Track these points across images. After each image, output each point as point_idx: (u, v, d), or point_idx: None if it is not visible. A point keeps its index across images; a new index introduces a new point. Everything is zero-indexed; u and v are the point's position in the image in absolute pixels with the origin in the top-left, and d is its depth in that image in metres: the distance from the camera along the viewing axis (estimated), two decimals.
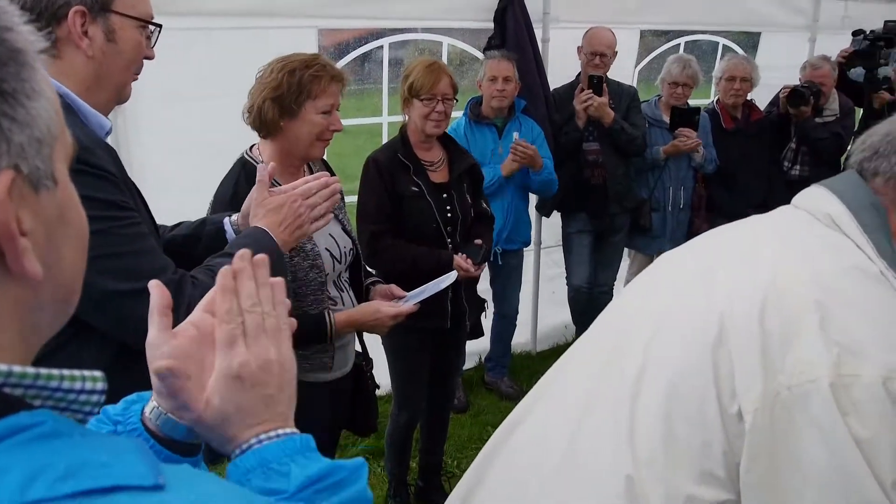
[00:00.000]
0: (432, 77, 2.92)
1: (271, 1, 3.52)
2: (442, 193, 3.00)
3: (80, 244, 0.63)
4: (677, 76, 4.48)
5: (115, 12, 1.44)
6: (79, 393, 0.57)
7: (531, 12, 4.25)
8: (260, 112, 2.19)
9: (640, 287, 1.47)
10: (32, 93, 0.54)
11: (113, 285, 1.37)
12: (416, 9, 4.00)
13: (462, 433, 3.97)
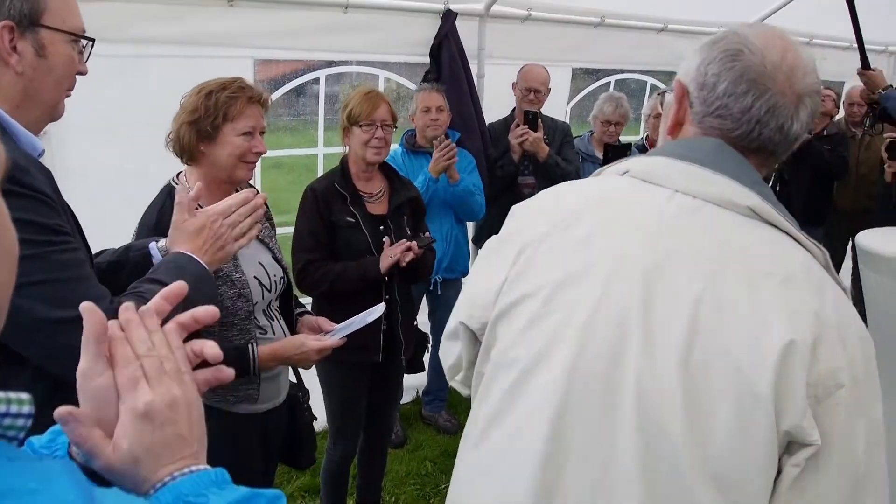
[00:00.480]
0: (371, 104, 2.95)
1: (205, 30, 3.48)
2: (378, 225, 2.99)
3: (10, 261, 0.60)
4: (610, 115, 4.60)
5: (45, 26, 1.39)
6: (3, 416, 0.54)
7: (467, 48, 4.32)
8: (178, 137, 2.16)
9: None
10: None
11: (46, 313, 1.30)
12: (353, 42, 4.01)
13: (400, 468, 3.91)
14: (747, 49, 1.22)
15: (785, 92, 1.21)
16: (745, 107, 1.22)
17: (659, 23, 5.21)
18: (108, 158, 3.22)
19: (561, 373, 1.16)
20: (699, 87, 1.27)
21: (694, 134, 1.28)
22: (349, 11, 3.88)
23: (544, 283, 1.22)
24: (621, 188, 1.28)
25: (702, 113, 1.27)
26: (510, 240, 1.33)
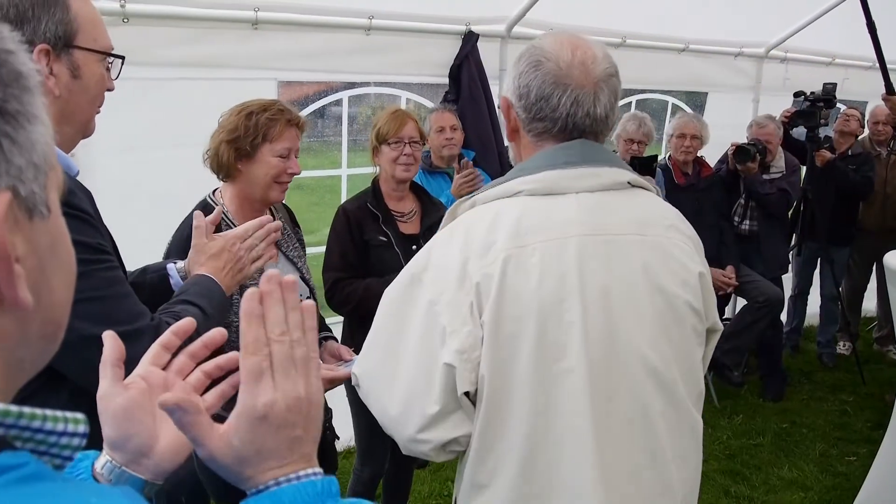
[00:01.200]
0: (398, 121, 3.00)
1: (230, 52, 3.53)
2: (411, 244, 2.99)
3: (68, 278, 0.60)
4: (633, 133, 4.60)
5: (78, 47, 1.40)
6: (60, 435, 0.54)
7: (488, 69, 4.34)
8: (216, 154, 2.23)
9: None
10: (33, 118, 0.53)
11: (90, 330, 1.30)
12: (376, 63, 4.04)
13: (422, 489, 3.89)
14: (544, 57, 1.45)
15: (583, 84, 1.44)
16: (553, 105, 1.44)
17: (680, 43, 5.21)
18: (133, 179, 3.26)
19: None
20: (518, 98, 1.49)
21: (530, 139, 1.51)
22: (372, 33, 3.92)
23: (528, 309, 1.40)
24: (532, 207, 1.44)
25: (527, 119, 1.49)
26: (459, 290, 1.42)
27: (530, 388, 1.39)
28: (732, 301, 5.66)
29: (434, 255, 1.48)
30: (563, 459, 1.41)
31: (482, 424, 1.41)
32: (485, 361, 1.39)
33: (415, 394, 1.43)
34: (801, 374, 5.66)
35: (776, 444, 4.58)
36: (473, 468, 1.45)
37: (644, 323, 1.44)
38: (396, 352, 1.47)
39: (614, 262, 1.43)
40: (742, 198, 5.05)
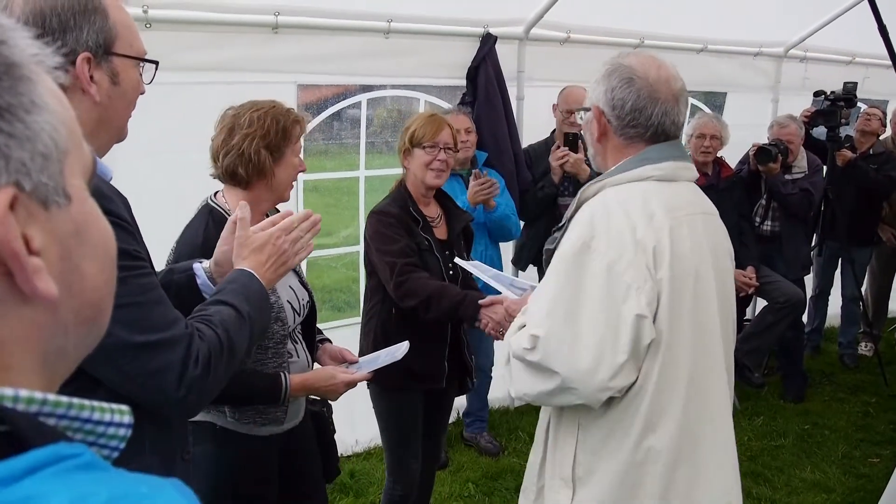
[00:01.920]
0: (435, 126, 2.93)
1: (250, 56, 3.55)
2: (444, 250, 2.96)
3: (105, 261, 0.60)
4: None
5: (117, 54, 1.41)
6: (107, 425, 0.55)
7: (506, 70, 4.35)
8: (257, 160, 2.17)
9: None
10: (32, 106, 0.52)
11: (127, 337, 1.31)
12: (394, 66, 4.06)
13: (443, 490, 3.89)
14: (635, 75, 1.81)
15: (668, 98, 1.81)
16: (647, 116, 1.81)
17: (698, 43, 5.19)
18: (156, 183, 3.28)
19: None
20: (612, 108, 1.83)
21: (621, 141, 1.86)
22: (390, 36, 3.93)
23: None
24: (664, 189, 1.81)
25: (619, 126, 1.84)
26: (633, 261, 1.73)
27: (691, 335, 1.76)
28: (753, 302, 5.62)
29: (597, 225, 1.74)
30: (711, 395, 1.82)
31: (661, 368, 1.73)
32: (663, 312, 1.72)
33: (603, 347, 1.69)
34: (822, 375, 5.62)
35: (798, 446, 4.55)
36: (649, 408, 1.74)
37: (730, 284, 1.91)
38: (577, 312, 1.72)
39: (715, 236, 1.89)
40: (763, 198, 5.02)
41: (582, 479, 1.84)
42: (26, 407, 0.49)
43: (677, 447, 1.77)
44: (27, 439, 0.46)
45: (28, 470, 0.44)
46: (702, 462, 1.81)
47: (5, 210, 0.49)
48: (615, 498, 1.80)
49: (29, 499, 0.42)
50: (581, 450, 1.84)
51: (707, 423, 1.82)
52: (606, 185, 1.83)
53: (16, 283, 0.51)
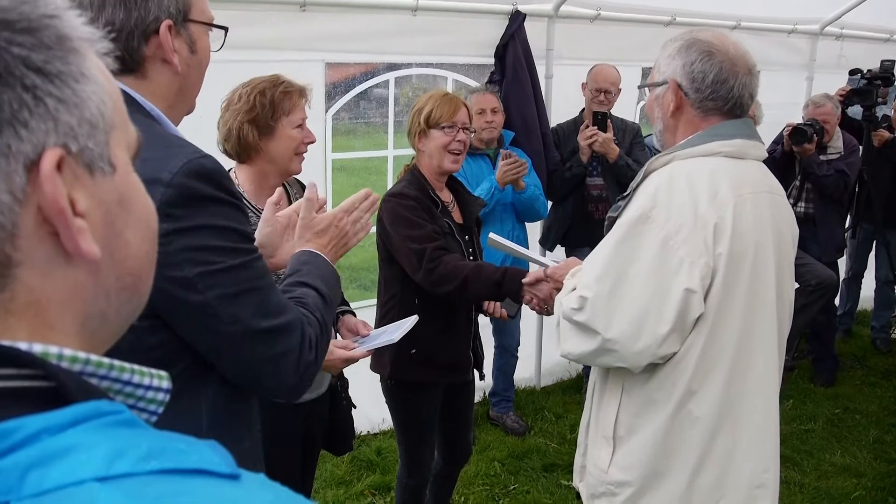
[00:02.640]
0: (452, 105, 2.78)
1: (278, 34, 3.55)
2: (465, 235, 2.88)
3: (146, 232, 0.62)
4: None
5: (193, 21, 1.35)
6: (146, 389, 0.57)
7: (535, 49, 4.30)
8: (239, 136, 2.24)
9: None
10: (81, 76, 0.54)
11: (251, 322, 1.28)
12: (422, 44, 4.04)
13: (469, 469, 3.90)
14: (714, 49, 1.84)
15: (745, 72, 1.85)
16: (729, 87, 1.84)
17: (732, 21, 5.09)
18: None
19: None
20: (690, 81, 1.86)
21: (696, 114, 1.89)
22: (418, 14, 3.91)
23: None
24: (732, 166, 1.85)
25: (697, 98, 1.87)
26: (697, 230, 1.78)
27: (742, 311, 1.80)
28: None
29: (660, 197, 1.79)
30: (757, 371, 1.85)
31: (706, 341, 1.79)
32: (716, 288, 1.77)
33: (648, 315, 1.76)
34: (853, 358, 5.54)
35: (828, 430, 4.50)
36: (692, 376, 1.81)
37: (790, 266, 1.93)
38: (627, 279, 1.78)
39: (781, 216, 1.91)
40: (797, 179, 4.93)
41: (622, 438, 1.94)
42: (70, 365, 0.51)
43: (717, 417, 1.84)
44: (70, 395, 0.48)
45: (71, 422, 0.46)
46: (742, 436, 1.87)
47: (52, 169, 0.51)
48: (652, 459, 1.89)
49: (72, 448, 0.44)
50: (623, 411, 1.93)
51: (751, 398, 1.87)
52: (675, 158, 1.87)
53: (61, 244, 0.53)
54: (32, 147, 0.50)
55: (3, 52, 0.50)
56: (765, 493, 1.92)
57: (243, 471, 0.49)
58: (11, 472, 0.42)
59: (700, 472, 1.87)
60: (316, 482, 3.74)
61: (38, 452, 0.43)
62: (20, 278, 0.52)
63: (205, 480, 0.47)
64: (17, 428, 0.44)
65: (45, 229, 0.52)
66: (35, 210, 0.51)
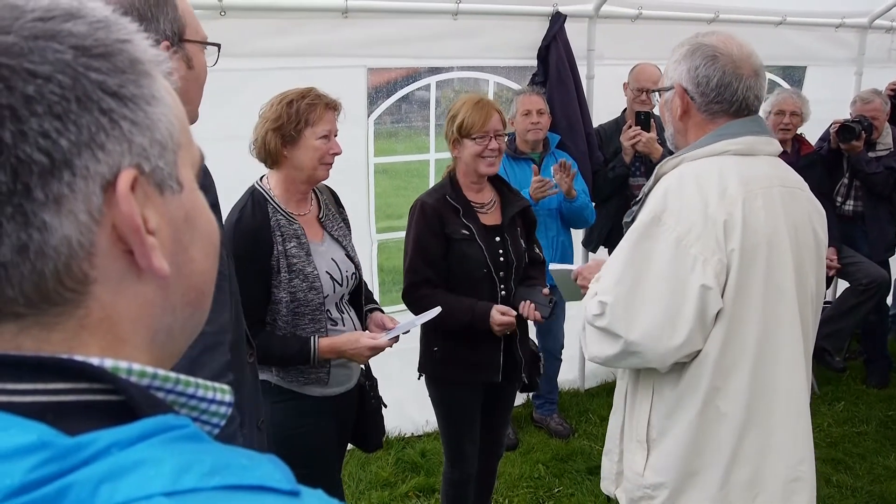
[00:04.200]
0: (483, 114, 2.80)
1: (321, 41, 3.59)
2: (494, 236, 2.88)
3: (209, 248, 0.64)
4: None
5: (188, 40, 1.49)
6: (210, 402, 0.59)
7: (575, 49, 4.28)
8: (264, 143, 2.39)
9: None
10: (152, 99, 0.56)
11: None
12: (463, 47, 4.05)
13: (513, 471, 3.91)
14: (718, 52, 1.88)
15: (749, 74, 1.88)
16: (733, 90, 1.87)
17: (777, 16, 5.01)
18: (228, 168, 3.33)
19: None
20: (695, 86, 1.90)
21: (704, 117, 1.92)
22: (459, 18, 3.92)
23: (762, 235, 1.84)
24: (741, 163, 1.87)
25: (703, 102, 1.90)
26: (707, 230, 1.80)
27: (760, 305, 1.82)
28: (834, 284, 5.44)
29: (670, 200, 1.82)
30: (783, 364, 1.86)
31: (724, 336, 1.81)
32: (731, 283, 1.79)
33: (668, 315, 1.79)
34: None
35: (881, 433, 4.39)
36: (714, 372, 1.83)
37: (811, 258, 1.92)
38: (644, 281, 1.81)
39: (796, 209, 1.91)
40: (846, 177, 4.83)
41: (655, 441, 1.96)
42: (138, 379, 0.53)
43: (746, 411, 1.86)
44: (139, 409, 0.51)
45: (139, 436, 0.47)
46: (773, 430, 1.88)
47: (128, 189, 0.53)
48: (685, 459, 1.91)
49: (140, 462, 0.46)
50: (655, 413, 1.96)
51: (779, 390, 1.88)
52: (684, 161, 1.91)
53: (134, 261, 0.55)
54: (108, 168, 0.53)
55: (82, 78, 0.52)
56: (802, 485, 1.92)
57: (302, 487, 0.51)
58: (84, 485, 0.44)
59: (734, 468, 1.88)
60: (360, 484, 3.78)
61: (108, 466, 0.45)
62: (95, 295, 0.54)
63: (266, 497, 0.48)
64: (91, 442, 0.46)
65: (118, 247, 0.54)
66: (110, 229, 0.53)
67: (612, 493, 2.16)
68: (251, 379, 1.69)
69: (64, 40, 0.52)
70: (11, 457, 0.44)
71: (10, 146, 0.49)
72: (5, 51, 0.50)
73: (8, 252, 0.50)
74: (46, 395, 0.49)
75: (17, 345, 0.52)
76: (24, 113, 0.49)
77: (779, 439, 1.89)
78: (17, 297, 0.51)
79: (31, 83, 0.50)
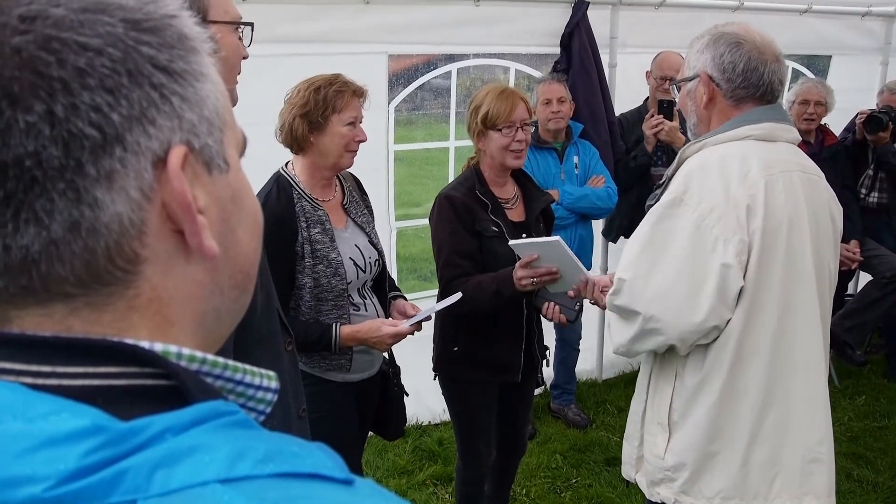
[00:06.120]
0: (509, 103, 2.70)
1: (342, 27, 3.57)
2: (521, 233, 2.78)
3: (254, 229, 0.63)
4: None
5: (213, 22, 1.45)
6: (257, 389, 0.58)
7: (598, 37, 4.24)
8: (291, 129, 2.39)
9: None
10: (200, 75, 0.55)
11: None
12: (485, 34, 4.02)
13: (530, 461, 3.90)
14: (742, 39, 1.93)
15: (773, 59, 1.94)
16: (759, 75, 1.92)
17: (802, 4, 4.93)
18: (252, 153, 3.33)
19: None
20: (721, 72, 1.94)
21: (729, 103, 1.96)
22: (481, 4, 3.89)
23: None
24: (762, 148, 1.92)
25: (730, 88, 1.94)
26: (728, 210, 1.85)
27: (780, 285, 1.86)
28: (856, 277, 5.38)
29: (692, 182, 1.87)
30: (802, 344, 1.91)
31: (746, 316, 1.85)
32: (753, 263, 1.83)
33: (686, 291, 1.83)
34: None
35: None
36: (736, 352, 1.88)
37: (829, 244, 1.98)
38: (664, 259, 1.86)
39: (815, 195, 1.96)
40: (870, 168, 4.76)
41: (677, 423, 2.00)
42: (188, 364, 0.52)
43: (765, 391, 1.90)
44: (190, 394, 0.50)
45: (192, 422, 0.47)
46: (792, 410, 1.93)
47: (179, 166, 0.52)
48: (706, 439, 1.95)
49: (195, 448, 0.45)
50: (677, 396, 2.00)
51: (798, 371, 1.93)
52: (706, 145, 1.95)
53: (182, 241, 0.54)
54: (160, 144, 0.52)
55: (133, 52, 0.51)
56: (821, 467, 1.95)
57: (355, 476, 0.50)
58: (140, 470, 0.43)
59: (753, 448, 1.93)
60: (378, 472, 3.79)
61: (163, 452, 0.44)
62: (145, 275, 0.53)
63: (320, 485, 0.47)
64: (145, 427, 0.45)
65: (168, 226, 0.53)
66: (160, 207, 0.52)
67: (633, 478, 2.19)
68: (290, 367, 1.67)
69: (114, 13, 0.51)
70: (65, 441, 0.43)
71: (63, 120, 0.47)
72: (56, 23, 0.48)
73: (59, 229, 0.49)
74: (97, 379, 0.49)
75: (67, 326, 0.51)
76: (76, 86, 0.48)
77: (797, 419, 1.93)
78: (68, 275, 0.50)
79: (83, 56, 0.48)
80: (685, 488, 1.99)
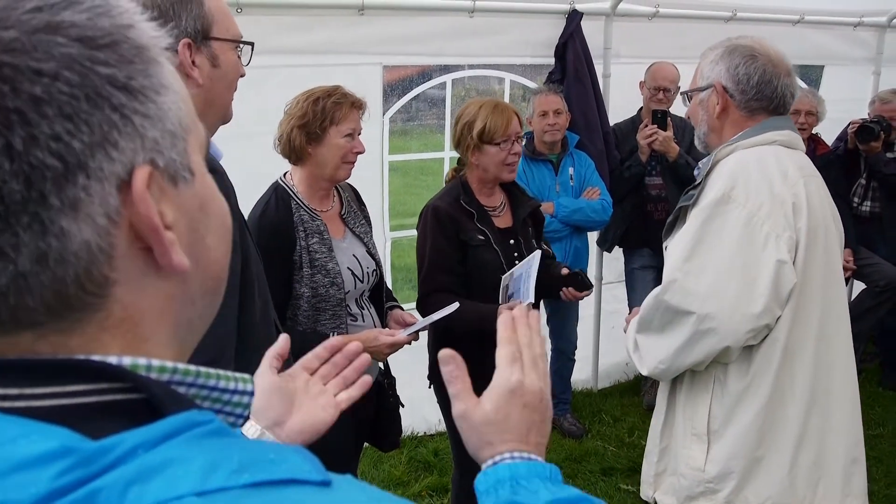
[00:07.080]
0: (504, 118, 2.74)
1: (337, 38, 3.58)
2: (508, 239, 2.84)
3: (223, 233, 0.62)
4: None
5: (215, 38, 1.49)
6: (232, 393, 0.57)
7: (592, 48, 4.26)
8: (289, 140, 2.40)
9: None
10: (161, 87, 0.54)
11: None
12: (479, 45, 4.03)
13: None
14: (756, 53, 1.99)
15: (785, 73, 2.00)
16: (773, 87, 1.98)
17: (794, 14, 4.96)
18: (248, 165, 3.34)
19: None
20: (735, 84, 2.00)
21: (742, 114, 2.01)
22: (475, 15, 3.90)
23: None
24: (788, 153, 1.99)
25: (743, 100, 2.00)
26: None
27: (821, 285, 1.92)
28: (850, 285, 5.39)
29: (738, 178, 1.90)
30: (838, 342, 1.97)
31: (793, 315, 1.88)
32: (799, 259, 1.88)
33: (742, 288, 1.84)
34: None
35: None
36: (784, 352, 1.89)
37: (838, 242, 2.04)
38: (716, 257, 1.87)
39: (829, 199, 2.04)
40: (863, 178, 4.78)
41: (717, 432, 1.97)
42: (158, 375, 0.52)
43: (810, 392, 1.92)
44: (162, 406, 0.49)
45: (165, 435, 0.46)
46: (832, 410, 1.95)
47: (144, 187, 0.51)
48: (753, 445, 1.93)
49: (169, 462, 0.45)
50: (717, 404, 1.97)
51: (837, 370, 1.96)
52: (738, 148, 1.99)
53: (153, 258, 0.53)
54: (123, 167, 0.50)
55: (90, 73, 0.49)
56: (859, 468, 1.99)
57: (333, 475, 0.49)
58: (113, 488, 0.43)
59: (800, 451, 1.94)
60: (373, 483, 3.77)
61: (136, 468, 0.44)
62: (116, 297, 0.52)
63: (297, 490, 0.47)
64: (116, 444, 0.44)
65: (136, 246, 0.52)
66: (127, 229, 0.51)
67: (651, 497, 2.15)
68: None
69: (67, 32, 0.48)
70: (35, 464, 0.43)
71: (22, 153, 0.46)
72: (7, 48, 0.46)
73: (27, 262, 0.48)
74: (66, 398, 0.48)
75: (35, 352, 0.50)
76: (34, 116, 0.46)
77: (837, 419, 1.95)
78: (37, 306, 0.49)
79: (38, 83, 0.46)
80: (731, 499, 1.95)
